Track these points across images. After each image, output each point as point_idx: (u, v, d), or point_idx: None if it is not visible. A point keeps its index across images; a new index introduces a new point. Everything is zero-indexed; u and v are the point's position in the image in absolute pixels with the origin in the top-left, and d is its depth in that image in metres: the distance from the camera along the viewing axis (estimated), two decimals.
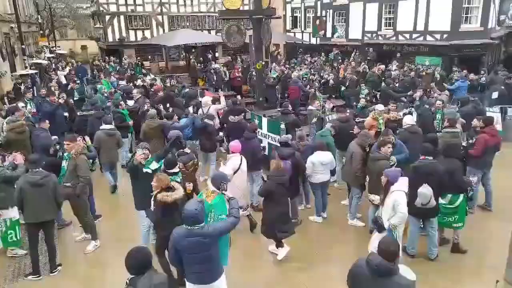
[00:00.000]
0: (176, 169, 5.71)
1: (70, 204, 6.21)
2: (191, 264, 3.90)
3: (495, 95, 11.59)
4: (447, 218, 5.81)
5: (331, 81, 14.56)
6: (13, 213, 5.94)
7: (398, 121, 8.21)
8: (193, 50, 23.48)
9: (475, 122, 7.37)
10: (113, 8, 25.15)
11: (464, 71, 14.31)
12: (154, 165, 5.75)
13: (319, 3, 24.58)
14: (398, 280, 3.20)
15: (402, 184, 5.03)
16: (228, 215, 4.25)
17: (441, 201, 5.65)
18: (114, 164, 8.52)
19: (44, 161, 6.11)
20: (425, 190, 5.25)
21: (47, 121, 8.25)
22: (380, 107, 8.79)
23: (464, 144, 7.10)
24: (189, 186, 5.78)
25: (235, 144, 6.65)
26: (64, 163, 6.19)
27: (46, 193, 5.37)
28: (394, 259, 3.24)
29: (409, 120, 7.83)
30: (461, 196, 5.72)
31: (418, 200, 5.32)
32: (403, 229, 5.15)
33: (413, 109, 9.87)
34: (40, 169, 5.47)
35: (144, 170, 5.58)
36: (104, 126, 8.21)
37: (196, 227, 3.76)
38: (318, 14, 24.63)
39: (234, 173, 6.25)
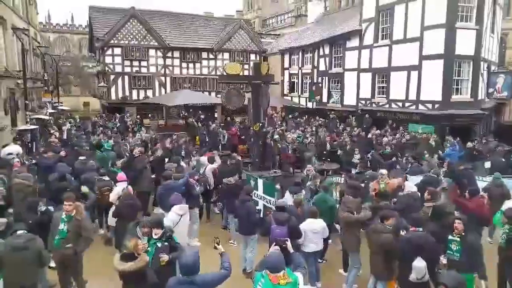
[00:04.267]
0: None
1: (68, 266, 5.93)
2: None
3: (487, 164, 11.71)
4: None
5: (328, 145, 14.75)
6: None
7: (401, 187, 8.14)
8: (191, 110, 24.11)
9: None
10: (118, 68, 26.17)
11: (457, 138, 14.59)
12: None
13: (315, 70, 25.77)
14: None
15: None
16: (220, 267, 4.36)
17: None
18: None
19: (31, 220, 6.00)
20: (420, 264, 5.01)
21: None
22: (384, 171, 8.81)
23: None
24: (164, 257, 5.13)
25: (121, 174, 8.22)
26: (62, 226, 5.77)
27: (29, 257, 5.12)
28: None
29: (411, 186, 7.78)
30: None
31: (413, 276, 5.06)
32: None
33: (408, 175, 9.95)
34: (24, 231, 5.25)
35: None
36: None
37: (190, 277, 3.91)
38: (315, 80, 25.71)
39: (119, 198, 7.48)
